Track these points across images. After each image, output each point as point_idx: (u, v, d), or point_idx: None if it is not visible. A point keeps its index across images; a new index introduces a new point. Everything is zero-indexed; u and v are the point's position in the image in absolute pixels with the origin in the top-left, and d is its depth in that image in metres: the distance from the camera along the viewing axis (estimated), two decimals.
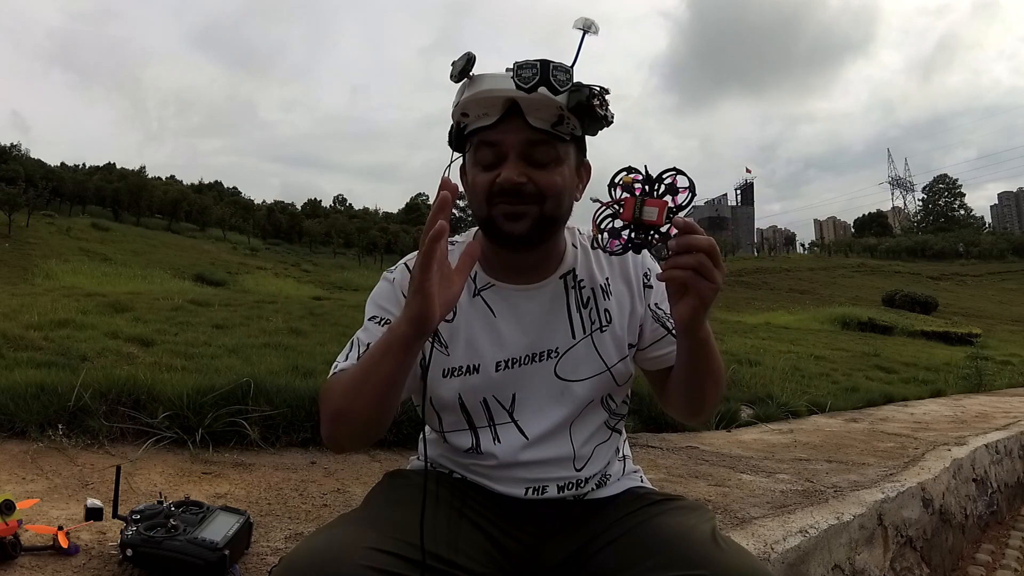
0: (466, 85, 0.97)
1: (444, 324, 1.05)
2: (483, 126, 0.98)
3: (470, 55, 0.95)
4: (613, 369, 1.09)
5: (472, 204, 1.03)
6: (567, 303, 1.09)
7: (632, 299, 1.11)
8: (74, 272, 14.74)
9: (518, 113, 0.96)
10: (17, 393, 2.17)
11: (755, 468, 2.51)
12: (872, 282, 37.01)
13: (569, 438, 1.07)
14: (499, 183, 0.97)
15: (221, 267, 24.17)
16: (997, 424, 4.08)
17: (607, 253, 0.93)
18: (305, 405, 2.38)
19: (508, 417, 1.06)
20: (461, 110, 0.99)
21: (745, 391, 4.31)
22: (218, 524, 1.24)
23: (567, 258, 1.10)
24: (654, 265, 1.14)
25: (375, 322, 1.05)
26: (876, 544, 1.98)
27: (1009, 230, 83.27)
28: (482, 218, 1.01)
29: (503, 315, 1.07)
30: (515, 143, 0.97)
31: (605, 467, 1.11)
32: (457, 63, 0.96)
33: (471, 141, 1.01)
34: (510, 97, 0.95)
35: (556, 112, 0.96)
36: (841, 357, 8.53)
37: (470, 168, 1.02)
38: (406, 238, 48.70)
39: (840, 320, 17.19)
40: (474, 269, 1.06)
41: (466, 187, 1.04)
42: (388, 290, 1.08)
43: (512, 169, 0.96)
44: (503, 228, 0.99)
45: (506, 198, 0.97)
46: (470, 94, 0.96)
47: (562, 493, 1.07)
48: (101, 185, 42.49)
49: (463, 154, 1.05)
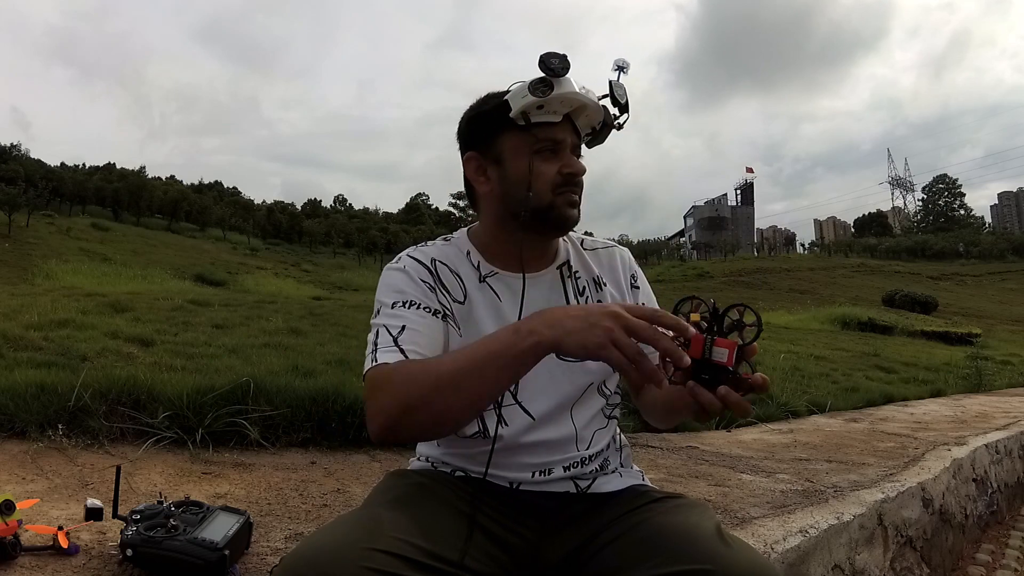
0: (553, 83, 1.03)
1: (458, 306, 1.10)
2: (550, 122, 1.06)
3: (565, 56, 1.04)
4: None
5: (525, 191, 1.06)
6: (565, 291, 1.16)
7: (622, 296, 1.19)
8: (74, 272, 14.71)
9: (569, 117, 1.08)
10: (17, 393, 2.17)
11: (755, 468, 2.52)
12: (872, 282, 37.00)
13: (571, 419, 1.11)
14: (570, 172, 1.07)
15: (221, 267, 24.15)
16: (997, 424, 4.09)
17: (670, 383, 0.87)
18: (305, 405, 2.38)
19: (513, 399, 1.09)
20: (540, 102, 1.04)
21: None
22: (218, 524, 1.24)
23: (561, 252, 1.19)
24: (639, 269, 1.24)
25: (401, 307, 1.04)
26: (876, 544, 1.98)
27: (1009, 230, 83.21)
28: (542, 206, 1.07)
29: (508, 301, 1.11)
30: (570, 143, 1.09)
31: (606, 450, 1.15)
32: (555, 61, 1.03)
33: (536, 134, 1.06)
34: (583, 103, 1.06)
35: (594, 124, 1.11)
36: (841, 357, 8.53)
37: (525, 156, 1.07)
38: (406, 238, 48.68)
39: (840, 320, 17.17)
40: (476, 258, 1.13)
41: (505, 175, 1.09)
42: (403, 277, 1.09)
43: (576, 161, 1.08)
44: (565, 214, 1.08)
45: (571, 187, 1.08)
46: (560, 92, 1.03)
47: (567, 473, 1.10)
48: (101, 185, 42.43)
49: (497, 144, 1.09)
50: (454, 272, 1.12)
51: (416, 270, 1.10)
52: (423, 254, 1.13)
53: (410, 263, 1.11)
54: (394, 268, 1.11)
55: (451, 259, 1.13)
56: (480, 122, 1.10)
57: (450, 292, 1.10)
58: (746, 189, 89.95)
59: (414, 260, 1.12)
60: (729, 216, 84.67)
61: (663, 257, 56.29)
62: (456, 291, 1.11)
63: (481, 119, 1.10)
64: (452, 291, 1.11)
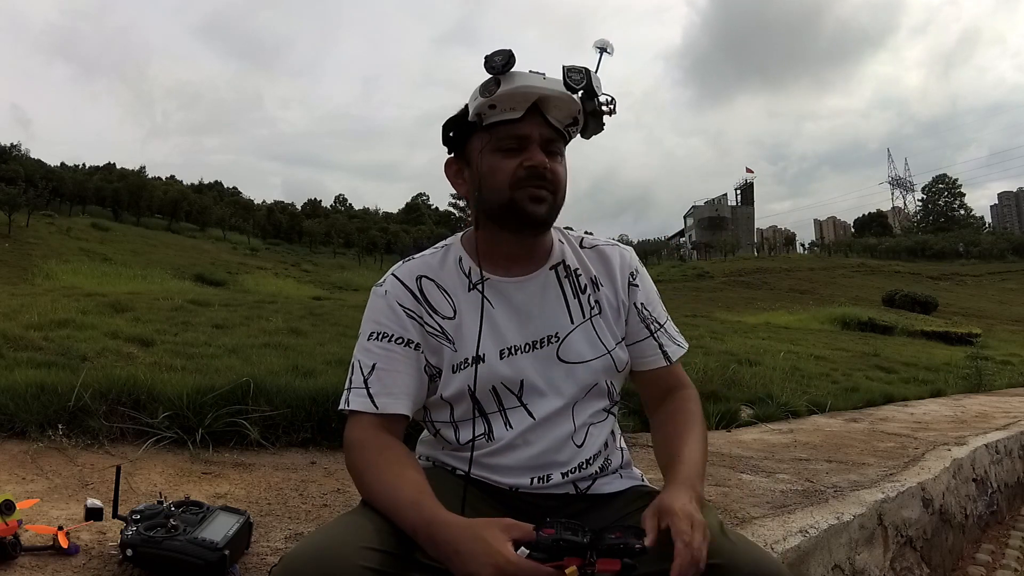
0: (500, 80, 1.02)
1: (449, 322, 1.10)
2: (509, 119, 1.05)
3: (510, 52, 1.02)
4: (613, 353, 1.13)
5: (487, 190, 1.07)
6: (562, 291, 1.15)
7: (617, 295, 1.17)
8: (74, 272, 14.73)
9: (538, 111, 1.05)
10: (17, 393, 2.17)
11: (755, 468, 2.51)
12: (872, 282, 36.99)
13: (571, 418, 1.11)
14: (529, 166, 1.04)
15: (221, 267, 24.15)
16: (997, 424, 4.09)
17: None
18: (305, 405, 2.38)
19: (517, 401, 1.09)
20: (491, 102, 1.04)
21: (745, 391, 4.31)
22: (218, 524, 1.24)
23: (555, 251, 1.17)
24: (641, 268, 1.22)
25: (375, 339, 1.08)
26: (876, 544, 1.98)
27: (1009, 230, 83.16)
28: (502, 202, 1.06)
29: (500, 306, 1.11)
30: (538, 136, 1.05)
31: (605, 451, 1.15)
32: (497, 58, 1.02)
33: (491, 132, 1.06)
34: (540, 95, 1.03)
35: (573, 114, 1.07)
36: (841, 357, 8.53)
37: (487, 156, 1.07)
38: (406, 238, 48.70)
39: (840, 320, 17.19)
40: (468, 264, 1.13)
41: (472, 176, 1.09)
42: (382, 305, 1.10)
43: (539, 154, 1.05)
44: (527, 209, 1.05)
45: (532, 181, 1.05)
46: (507, 88, 1.02)
47: (566, 478, 1.09)
48: (101, 185, 42.42)
49: (466, 147, 1.10)
50: (440, 288, 1.11)
51: (398, 294, 1.10)
52: (409, 272, 1.12)
53: (393, 287, 1.11)
54: (378, 292, 1.12)
55: (438, 272, 1.13)
56: (453, 128, 1.11)
57: (438, 311, 1.10)
58: (746, 189, 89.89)
59: (398, 282, 1.11)
60: (729, 216, 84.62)
61: (663, 257, 56.29)
62: (444, 308, 1.10)
63: (453, 125, 1.10)
64: (440, 309, 1.10)
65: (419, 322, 1.09)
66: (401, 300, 1.09)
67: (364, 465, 1.00)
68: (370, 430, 1.03)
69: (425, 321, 1.09)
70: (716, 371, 4.69)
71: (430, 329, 1.09)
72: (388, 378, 1.05)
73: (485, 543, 0.82)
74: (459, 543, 0.84)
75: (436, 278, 1.12)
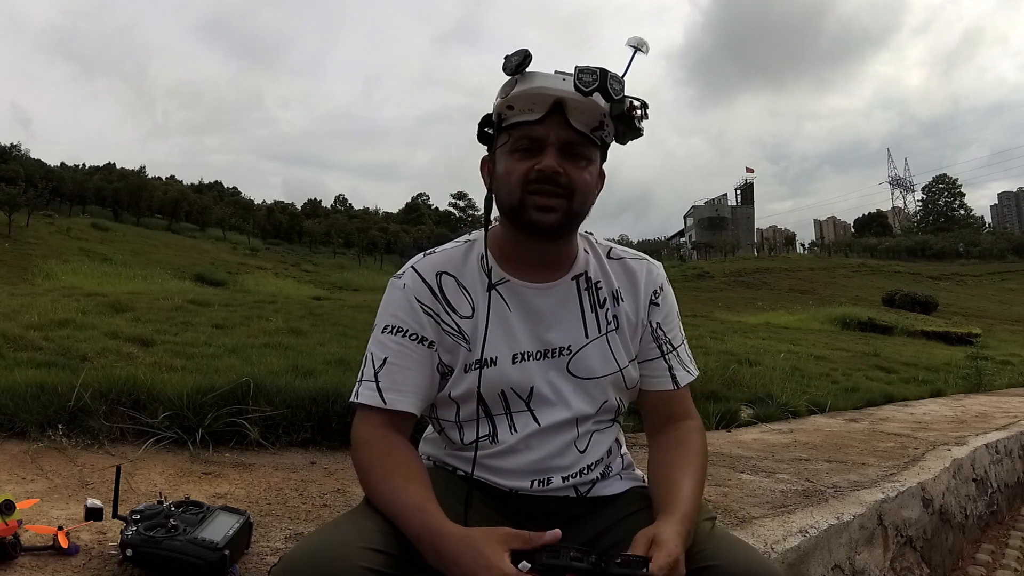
0: (516, 80, 1.01)
1: (466, 321, 1.08)
2: (527, 120, 1.02)
3: (526, 52, 0.99)
4: (624, 371, 1.11)
5: (502, 191, 1.06)
6: (580, 303, 1.12)
7: (637, 312, 1.14)
8: (74, 272, 14.73)
9: (561, 113, 1.01)
10: (17, 393, 2.17)
11: (755, 468, 2.51)
12: (872, 282, 37.00)
13: (576, 426, 1.10)
14: (539, 169, 1.01)
15: (221, 267, 24.15)
16: (997, 424, 4.09)
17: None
18: (305, 405, 2.38)
19: (525, 407, 1.08)
20: (508, 103, 1.02)
21: (745, 391, 4.31)
22: (218, 524, 1.24)
23: (579, 261, 1.13)
24: (667, 285, 1.17)
25: (389, 333, 1.06)
26: (876, 544, 1.98)
27: (1009, 230, 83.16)
28: (512, 205, 1.04)
29: (517, 310, 1.09)
30: (555, 140, 1.01)
31: (607, 457, 1.13)
32: (513, 58, 1.00)
33: (510, 133, 1.04)
34: (559, 97, 0.99)
35: (598, 118, 1.02)
36: (841, 357, 8.53)
37: (504, 156, 1.05)
38: (406, 238, 48.67)
39: (840, 320, 17.19)
40: (490, 263, 1.09)
41: (491, 176, 1.08)
42: (399, 298, 1.08)
43: (552, 158, 1.01)
44: (532, 217, 1.03)
45: (542, 186, 1.01)
46: (522, 89, 1.00)
47: (567, 482, 1.09)
48: (101, 185, 42.44)
49: (494, 147, 1.08)
50: (461, 285, 1.09)
51: (416, 289, 1.08)
52: (430, 266, 1.10)
53: (412, 281, 1.09)
54: (396, 284, 1.10)
55: (459, 269, 1.10)
56: (486, 125, 1.09)
57: (456, 310, 1.08)
58: (746, 189, 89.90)
59: (417, 277, 1.09)
60: (729, 216, 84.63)
61: (663, 257, 56.32)
62: (463, 306, 1.08)
63: (485, 123, 1.09)
64: (458, 307, 1.08)
65: (436, 319, 1.07)
66: (419, 295, 1.07)
67: (370, 465, 1.00)
68: (379, 429, 1.02)
69: (442, 319, 1.07)
70: (716, 371, 4.69)
71: (447, 328, 1.07)
72: (399, 374, 1.04)
73: (484, 558, 0.83)
74: (459, 556, 0.84)
75: (457, 274, 1.10)
